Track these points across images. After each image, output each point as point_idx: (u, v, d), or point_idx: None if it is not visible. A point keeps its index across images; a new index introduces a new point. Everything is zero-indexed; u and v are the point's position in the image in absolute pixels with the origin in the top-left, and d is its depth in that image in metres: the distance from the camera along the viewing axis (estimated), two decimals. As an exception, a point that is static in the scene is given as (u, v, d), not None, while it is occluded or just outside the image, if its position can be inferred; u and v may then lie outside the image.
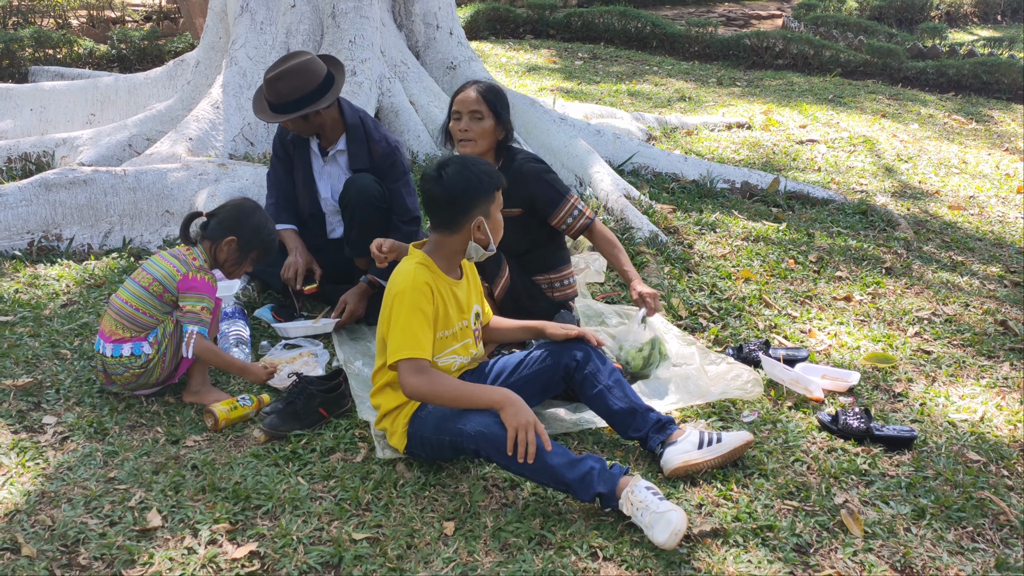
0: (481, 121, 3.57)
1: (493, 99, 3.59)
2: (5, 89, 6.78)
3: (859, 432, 3.22)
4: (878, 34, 11.61)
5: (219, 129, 5.53)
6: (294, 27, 5.79)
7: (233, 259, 3.39)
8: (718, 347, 3.90)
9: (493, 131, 3.59)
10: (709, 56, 11.15)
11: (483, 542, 2.65)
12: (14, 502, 2.74)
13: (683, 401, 3.46)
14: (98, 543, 2.57)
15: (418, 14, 6.40)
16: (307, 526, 2.68)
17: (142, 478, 2.88)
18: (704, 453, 2.96)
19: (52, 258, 4.55)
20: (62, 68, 8.37)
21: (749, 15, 14.42)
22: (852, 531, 2.75)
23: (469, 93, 3.60)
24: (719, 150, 6.99)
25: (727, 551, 2.65)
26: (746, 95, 9.09)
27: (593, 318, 4.08)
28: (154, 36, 9.32)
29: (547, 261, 3.75)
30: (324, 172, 4.21)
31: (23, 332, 3.76)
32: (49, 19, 10.37)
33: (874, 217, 5.53)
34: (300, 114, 3.86)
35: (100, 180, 4.77)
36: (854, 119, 8.18)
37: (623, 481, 2.71)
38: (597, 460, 2.74)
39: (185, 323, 3.24)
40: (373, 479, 2.91)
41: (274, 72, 3.86)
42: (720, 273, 4.61)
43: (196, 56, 6.35)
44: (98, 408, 3.28)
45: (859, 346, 3.95)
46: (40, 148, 5.80)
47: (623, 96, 8.80)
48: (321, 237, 4.31)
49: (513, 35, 12.15)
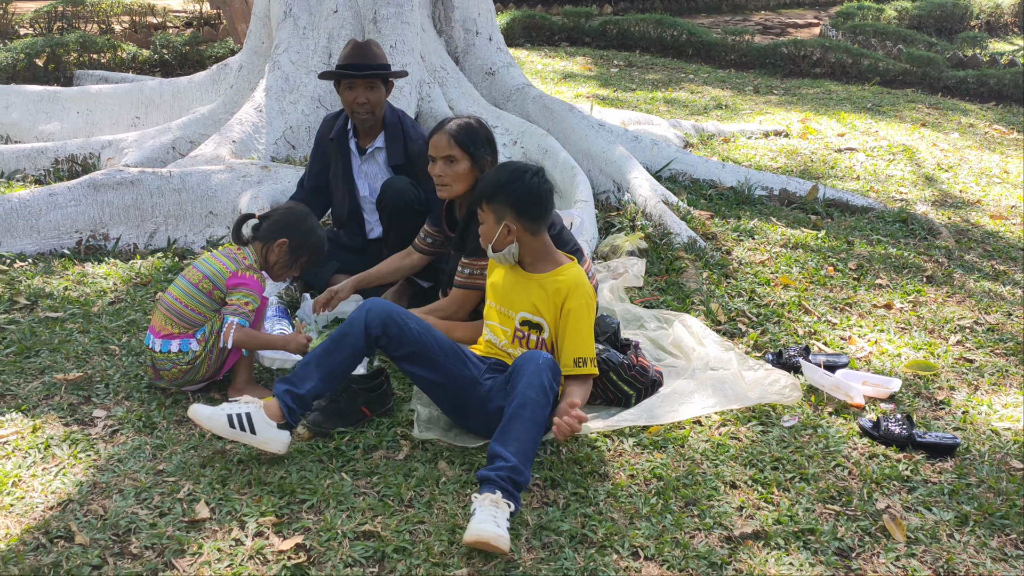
0: (455, 164, 3.50)
1: (465, 140, 3.51)
2: (53, 92, 6.92)
3: (901, 438, 3.21)
4: (917, 43, 11.52)
5: (262, 132, 5.62)
6: (336, 32, 5.86)
7: (283, 262, 3.45)
8: (757, 352, 3.90)
9: (469, 173, 3.51)
10: (745, 64, 11.11)
11: (524, 539, 2.68)
12: (67, 492, 2.80)
13: (720, 405, 3.46)
14: (148, 533, 2.63)
15: (458, 20, 6.46)
16: (351, 521, 2.72)
17: (190, 471, 2.93)
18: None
19: (99, 257, 4.64)
20: (106, 72, 8.52)
21: (786, 23, 14.36)
22: (894, 536, 2.75)
23: (440, 137, 3.52)
24: (756, 157, 6.98)
25: (768, 553, 2.65)
26: (783, 103, 9.06)
27: (632, 322, 4.10)
28: (195, 41, 9.47)
29: None
30: (362, 171, 4.30)
31: (73, 328, 3.85)
32: (93, 24, 10.56)
33: (915, 225, 5.49)
34: (389, 74, 4.14)
35: (146, 181, 4.86)
36: (893, 128, 8.13)
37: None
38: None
39: (226, 315, 3.29)
40: (415, 476, 2.95)
41: (362, 40, 4.23)
42: (759, 279, 4.61)
43: (239, 60, 6.44)
44: (146, 403, 3.35)
45: (900, 354, 3.93)
46: (86, 150, 5.91)
47: (659, 104, 8.81)
48: (360, 237, 4.38)
49: (548, 42, 12.18)
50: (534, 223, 3.16)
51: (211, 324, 3.33)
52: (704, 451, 3.15)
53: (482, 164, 3.54)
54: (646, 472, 3.02)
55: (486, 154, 3.56)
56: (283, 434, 2.98)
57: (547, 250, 3.23)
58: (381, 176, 4.25)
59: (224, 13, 9.04)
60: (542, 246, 3.22)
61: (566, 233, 3.78)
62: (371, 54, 4.11)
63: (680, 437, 3.22)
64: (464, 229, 3.61)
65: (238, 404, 2.99)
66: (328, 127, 4.32)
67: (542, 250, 3.22)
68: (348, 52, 4.12)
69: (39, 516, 2.69)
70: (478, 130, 3.57)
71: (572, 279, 3.17)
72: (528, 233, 3.16)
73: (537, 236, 3.19)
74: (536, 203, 3.14)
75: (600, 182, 5.71)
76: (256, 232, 3.44)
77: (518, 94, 6.41)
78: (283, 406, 2.99)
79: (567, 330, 3.14)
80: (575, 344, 3.13)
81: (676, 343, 3.91)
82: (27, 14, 10.46)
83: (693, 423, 3.34)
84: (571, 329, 3.13)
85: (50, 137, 6.60)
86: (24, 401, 3.29)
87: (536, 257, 3.22)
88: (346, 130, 4.29)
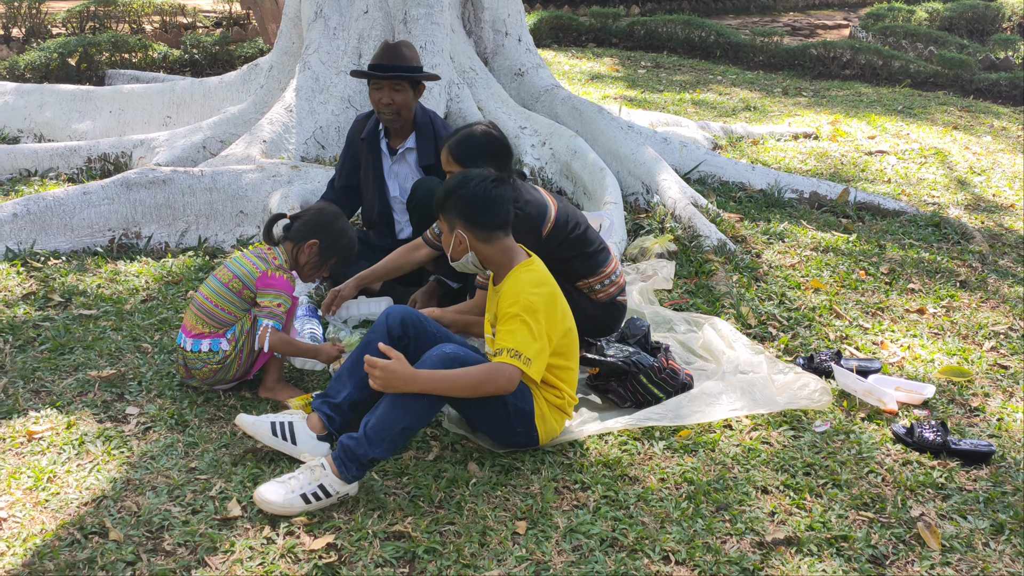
0: None
1: (461, 154, 3.54)
2: (86, 92, 6.99)
3: (935, 445, 3.18)
4: (949, 45, 11.40)
5: (292, 132, 5.64)
6: (366, 32, 5.88)
7: (313, 262, 3.46)
8: (788, 356, 3.87)
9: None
10: (774, 66, 11.04)
11: (555, 542, 2.67)
12: (101, 488, 2.83)
13: (748, 408, 3.43)
14: (181, 530, 2.65)
15: (487, 21, 6.46)
16: (382, 521, 2.73)
17: (222, 469, 2.95)
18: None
19: (131, 255, 4.68)
20: (137, 72, 8.60)
21: (815, 25, 14.26)
22: (929, 544, 2.72)
23: (443, 151, 3.59)
24: (786, 160, 6.93)
25: (801, 559, 2.63)
26: (812, 105, 8.99)
27: (661, 324, 4.08)
28: (225, 41, 9.53)
29: (583, 268, 3.73)
30: (393, 171, 4.31)
31: (106, 326, 3.88)
32: (124, 24, 10.66)
33: (947, 229, 5.43)
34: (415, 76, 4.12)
35: (178, 180, 4.90)
36: (925, 131, 8.05)
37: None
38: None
39: (260, 317, 3.31)
40: (445, 477, 2.95)
41: (395, 41, 4.23)
42: (789, 283, 4.57)
43: (269, 60, 6.48)
44: (178, 401, 3.37)
45: (933, 359, 3.89)
46: (118, 149, 5.97)
47: (687, 105, 8.77)
48: (389, 237, 4.39)
49: (576, 43, 12.17)
50: (484, 231, 3.04)
51: (241, 324, 3.35)
52: (735, 455, 3.13)
53: None
54: (677, 476, 3.00)
55: (487, 165, 3.52)
56: (323, 446, 3.00)
57: (505, 257, 3.08)
58: (412, 176, 4.26)
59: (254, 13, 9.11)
60: (499, 253, 3.08)
61: (591, 233, 3.78)
62: (400, 55, 4.11)
63: (711, 441, 3.21)
64: None
65: (284, 413, 3.07)
66: (359, 127, 4.34)
67: (499, 258, 3.09)
68: (379, 52, 4.14)
69: (74, 512, 2.71)
70: (480, 141, 3.56)
71: (508, 287, 3.02)
72: (480, 242, 3.05)
73: (492, 244, 3.06)
74: (483, 210, 3.02)
75: (629, 184, 5.70)
76: (287, 232, 3.45)
77: (547, 95, 6.41)
78: (322, 416, 3.04)
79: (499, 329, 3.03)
80: (500, 338, 2.99)
81: (706, 346, 3.89)
82: (60, 14, 10.58)
83: (723, 427, 3.32)
84: (500, 328, 3.01)
85: (83, 136, 6.67)
86: (59, 398, 3.33)
87: (496, 265, 3.11)
88: (377, 130, 4.30)
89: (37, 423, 3.16)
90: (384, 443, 2.80)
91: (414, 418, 2.85)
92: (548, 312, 2.99)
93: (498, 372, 2.88)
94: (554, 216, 3.61)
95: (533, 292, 2.98)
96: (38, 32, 10.15)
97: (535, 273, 3.07)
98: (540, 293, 3.00)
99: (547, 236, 3.58)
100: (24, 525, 2.65)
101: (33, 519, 2.67)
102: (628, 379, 3.44)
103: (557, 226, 3.61)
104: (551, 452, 3.12)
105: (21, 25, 10.17)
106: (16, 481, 2.84)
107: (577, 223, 3.71)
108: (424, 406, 2.87)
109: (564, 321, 3.09)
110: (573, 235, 3.65)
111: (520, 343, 2.91)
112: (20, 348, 3.68)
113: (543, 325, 2.95)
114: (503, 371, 2.88)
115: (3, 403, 3.27)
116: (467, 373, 2.88)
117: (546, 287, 3.05)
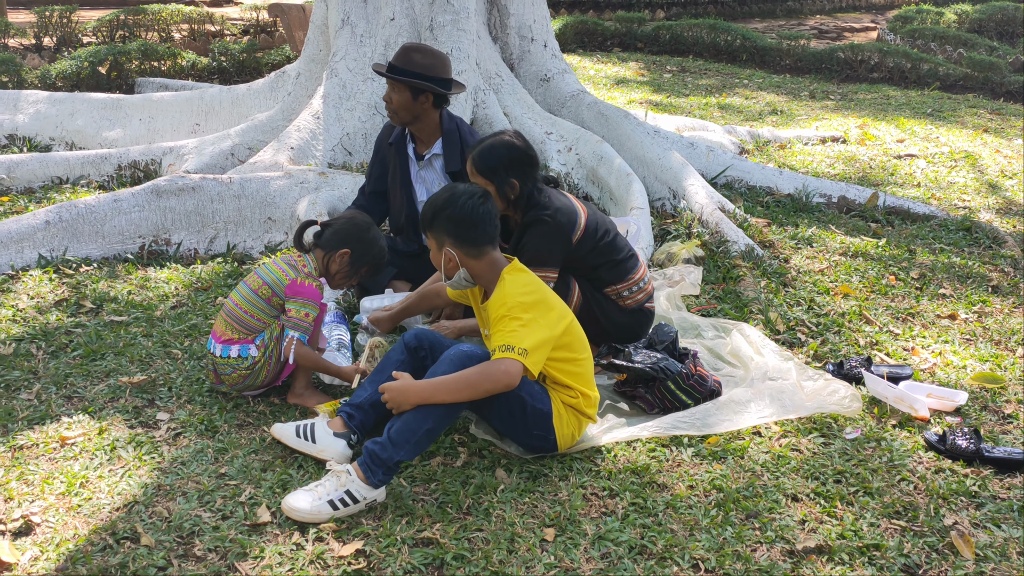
0: None
1: (484, 166, 3.55)
2: (116, 100, 7.07)
3: (968, 453, 3.14)
4: (978, 47, 11.28)
5: (319, 139, 5.68)
6: (393, 40, 5.91)
7: (344, 272, 3.47)
8: (817, 363, 3.84)
9: (497, 196, 3.51)
10: (801, 69, 10.98)
11: (583, 549, 2.67)
12: (132, 493, 2.85)
13: (777, 415, 3.41)
14: (212, 536, 2.66)
15: (513, 27, 6.47)
16: (410, 527, 2.73)
17: (251, 475, 2.97)
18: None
19: (161, 262, 4.73)
20: (166, 80, 8.69)
21: (842, 28, 14.17)
22: (963, 553, 2.68)
23: (468, 162, 3.62)
24: (813, 164, 6.89)
25: (832, 568, 2.61)
26: (840, 109, 8.93)
27: (689, 330, 4.06)
28: (252, 49, 9.61)
29: (611, 276, 3.73)
30: (420, 177, 4.34)
31: (137, 332, 3.92)
32: (153, 32, 10.77)
33: (979, 234, 5.37)
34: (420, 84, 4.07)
35: (207, 187, 4.94)
36: (954, 134, 7.97)
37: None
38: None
39: (288, 327, 3.33)
40: (473, 484, 2.95)
41: (415, 45, 4.23)
42: (818, 288, 4.54)
43: (296, 68, 6.52)
44: (208, 406, 3.39)
45: (965, 365, 3.85)
46: (148, 156, 6.02)
47: (713, 109, 8.74)
48: (416, 242, 4.41)
49: (601, 48, 12.16)
50: (473, 247, 3.07)
51: (270, 330, 3.37)
52: (765, 463, 3.11)
53: (506, 188, 3.55)
54: (706, 483, 2.99)
55: (510, 176, 3.55)
56: (339, 442, 3.02)
57: (492, 271, 3.11)
58: (438, 182, 4.28)
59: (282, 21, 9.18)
60: (488, 267, 3.10)
61: (620, 240, 3.77)
62: (406, 58, 4.13)
63: (740, 448, 3.19)
64: (518, 240, 3.61)
65: (311, 418, 3.16)
66: (387, 132, 4.37)
67: (488, 272, 3.11)
68: (403, 49, 4.19)
69: (106, 517, 2.74)
70: (501, 152, 3.56)
71: (496, 296, 3.05)
72: (470, 258, 3.08)
73: (481, 259, 3.09)
74: (472, 227, 3.05)
75: (656, 189, 5.68)
76: (318, 240, 3.47)
77: (573, 100, 6.40)
78: (342, 415, 3.11)
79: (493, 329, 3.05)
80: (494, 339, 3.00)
81: (734, 352, 3.87)
82: (90, 23, 10.71)
83: (753, 433, 3.30)
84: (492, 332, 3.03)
85: (113, 144, 6.74)
86: (91, 403, 3.36)
87: (486, 280, 3.13)
88: (404, 135, 4.33)
89: (70, 428, 3.19)
90: (408, 445, 2.82)
91: (437, 419, 2.88)
92: (539, 308, 3.01)
93: (493, 367, 2.89)
94: (584, 223, 3.61)
95: (520, 292, 3.02)
96: (69, 41, 10.28)
97: (518, 275, 3.09)
98: (527, 291, 3.03)
99: (577, 243, 3.59)
100: (57, 530, 2.68)
101: (66, 524, 2.70)
102: (656, 385, 3.43)
103: (587, 233, 3.61)
104: (578, 458, 3.11)
105: (52, 34, 10.30)
106: (49, 486, 2.87)
107: (607, 230, 3.71)
108: (446, 407, 2.90)
109: (561, 316, 3.08)
110: (602, 242, 3.65)
111: (512, 338, 2.92)
112: (53, 354, 3.72)
113: (535, 319, 2.96)
114: (498, 365, 2.89)
115: (36, 408, 3.31)
116: (466, 374, 2.90)
117: (532, 285, 3.08)
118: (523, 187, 3.58)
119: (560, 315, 3.07)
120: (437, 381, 2.90)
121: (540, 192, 3.62)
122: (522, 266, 3.16)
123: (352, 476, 2.78)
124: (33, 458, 3.03)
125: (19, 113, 6.99)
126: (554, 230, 3.55)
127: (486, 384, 2.88)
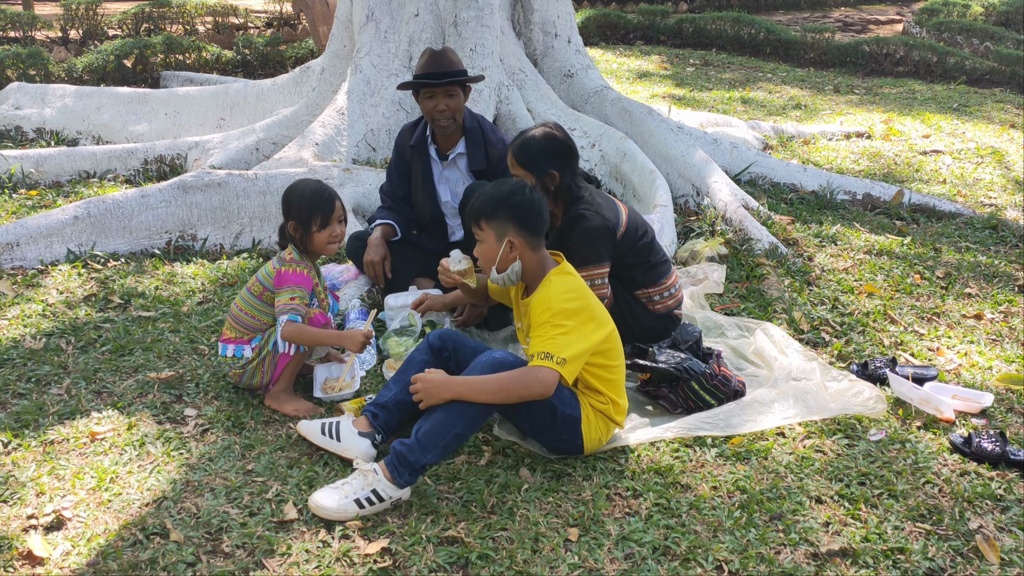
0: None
1: (524, 158, 3.58)
2: (142, 94, 7.13)
3: (994, 456, 3.13)
4: (1005, 40, 11.16)
5: (343, 135, 5.70)
6: (417, 35, 5.92)
7: (304, 235, 3.41)
8: (841, 363, 3.83)
9: (540, 188, 3.50)
10: (825, 63, 10.90)
11: (607, 550, 2.68)
12: (161, 489, 2.89)
13: (800, 416, 3.41)
14: (239, 532, 2.70)
15: (536, 23, 6.46)
16: (435, 526, 2.75)
17: (278, 472, 3.00)
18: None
19: (187, 257, 4.77)
20: (191, 73, 8.75)
21: (867, 20, 14.05)
22: (988, 558, 2.68)
23: (508, 155, 3.65)
24: (838, 160, 6.85)
25: (856, 571, 2.61)
26: (864, 103, 8.87)
27: (712, 330, 4.06)
28: (276, 42, 9.66)
29: (644, 278, 3.73)
30: (443, 177, 4.34)
31: (164, 327, 3.96)
32: (178, 25, 10.84)
33: (1005, 232, 5.33)
34: (467, 79, 4.14)
35: (233, 183, 4.98)
36: (981, 129, 7.89)
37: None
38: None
39: (278, 316, 3.33)
40: (497, 483, 2.97)
41: (438, 48, 4.21)
42: (842, 287, 4.52)
43: (321, 63, 6.55)
44: (234, 403, 3.43)
45: (991, 366, 3.82)
46: (174, 151, 6.08)
47: (736, 103, 8.70)
48: (442, 240, 4.42)
49: (623, 41, 12.13)
50: (536, 236, 3.09)
51: (267, 334, 3.39)
52: (788, 464, 3.11)
53: (545, 179, 3.56)
54: (729, 484, 2.99)
55: (550, 167, 3.56)
56: (363, 441, 3.04)
57: (541, 267, 3.13)
58: (462, 181, 4.29)
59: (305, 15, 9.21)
60: (540, 260, 3.13)
61: (657, 244, 3.78)
62: (448, 61, 4.14)
63: (763, 449, 3.19)
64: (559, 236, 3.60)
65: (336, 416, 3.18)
66: (407, 136, 4.35)
67: (538, 268, 3.12)
68: (425, 61, 4.14)
69: (135, 512, 2.78)
70: (541, 144, 3.58)
71: (540, 296, 3.05)
72: (531, 248, 3.09)
73: (537, 251, 3.12)
74: (537, 215, 3.08)
75: (679, 186, 5.67)
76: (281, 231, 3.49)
77: (596, 96, 6.40)
78: (367, 414, 3.13)
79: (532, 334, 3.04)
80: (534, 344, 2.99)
81: (758, 352, 3.86)
82: (115, 16, 10.79)
83: (776, 434, 3.30)
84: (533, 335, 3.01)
85: (139, 138, 6.81)
86: (120, 399, 3.41)
87: (534, 276, 3.13)
88: (425, 136, 4.33)
89: (99, 424, 3.23)
90: (436, 448, 2.84)
91: (466, 424, 2.89)
92: (581, 315, 3.00)
93: (531, 375, 2.90)
94: (625, 221, 3.63)
95: (565, 298, 3.00)
96: (94, 34, 10.37)
97: (565, 278, 3.09)
98: (571, 298, 3.02)
99: (619, 240, 3.60)
100: (88, 525, 2.72)
101: (96, 519, 2.74)
102: (679, 385, 3.43)
103: (628, 232, 3.63)
104: (602, 458, 3.13)
105: (78, 27, 10.39)
106: (80, 481, 2.91)
107: (645, 232, 3.72)
108: (476, 411, 2.90)
109: (602, 323, 3.07)
110: (640, 243, 3.66)
111: (552, 346, 2.92)
112: (82, 349, 3.77)
113: (577, 327, 2.96)
114: (535, 374, 2.89)
115: (67, 404, 3.36)
116: (501, 377, 2.91)
117: (577, 291, 3.06)
118: (563, 178, 3.59)
119: (601, 323, 3.06)
120: (472, 379, 2.91)
121: (580, 187, 3.64)
122: (571, 269, 3.17)
123: (379, 475, 2.80)
124: (64, 453, 3.07)
125: (47, 107, 7.07)
126: (599, 223, 3.56)
127: (521, 391, 2.90)
